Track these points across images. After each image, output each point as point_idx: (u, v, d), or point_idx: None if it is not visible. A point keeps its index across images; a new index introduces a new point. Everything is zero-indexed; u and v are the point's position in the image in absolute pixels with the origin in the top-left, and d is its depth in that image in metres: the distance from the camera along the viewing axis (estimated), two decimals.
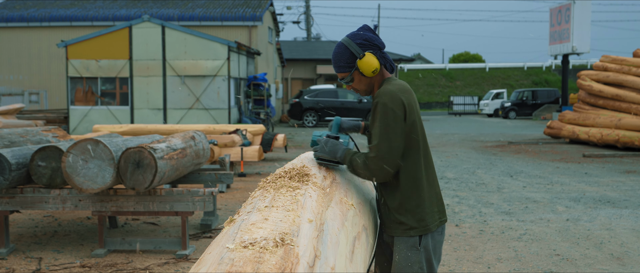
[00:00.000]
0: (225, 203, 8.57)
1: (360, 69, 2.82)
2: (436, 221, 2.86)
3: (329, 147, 2.88)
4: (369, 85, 2.90)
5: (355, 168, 2.81)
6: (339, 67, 2.89)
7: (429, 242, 2.84)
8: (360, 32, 2.88)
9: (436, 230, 2.87)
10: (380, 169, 2.74)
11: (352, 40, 2.85)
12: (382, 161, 2.72)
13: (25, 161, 5.76)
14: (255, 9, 26.67)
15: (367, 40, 2.84)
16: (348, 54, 2.84)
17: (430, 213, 2.84)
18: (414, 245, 2.81)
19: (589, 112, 18.41)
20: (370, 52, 2.82)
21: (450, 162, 13.66)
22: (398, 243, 2.84)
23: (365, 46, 2.84)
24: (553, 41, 27.62)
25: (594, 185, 10.37)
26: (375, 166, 2.73)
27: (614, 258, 5.87)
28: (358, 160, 2.78)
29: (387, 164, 2.73)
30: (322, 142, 2.91)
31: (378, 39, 2.88)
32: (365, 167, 2.76)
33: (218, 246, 1.91)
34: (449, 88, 50.80)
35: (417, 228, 2.81)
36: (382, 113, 2.73)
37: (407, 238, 2.82)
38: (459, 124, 29.64)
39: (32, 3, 28.59)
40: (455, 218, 7.65)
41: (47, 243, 6.42)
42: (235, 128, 12.93)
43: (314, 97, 27.53)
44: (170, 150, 5.94)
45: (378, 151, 2.72)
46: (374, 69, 2.82)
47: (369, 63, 2.80)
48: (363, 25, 2.91)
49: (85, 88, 19.18)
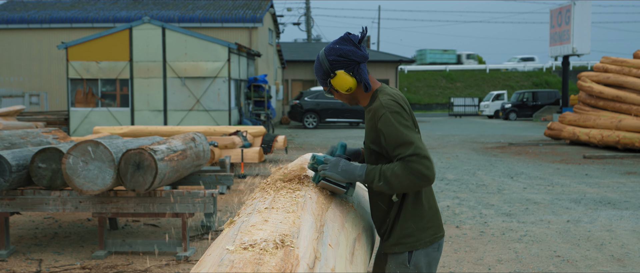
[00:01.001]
0: (225, 205, 8.58)
1: (334, 86, 2.68)
2: (428, 237, 2.68)
3: (342, 167, 2.60)
4: (351, 99, 2.76)
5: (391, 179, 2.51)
6: (319, 80, 2.77)
7: (421, 259, 2.66)
8: (335, 45, 2.67)
9: (431, 246, 2.69)
10: (428, 171, 2.48)
11: (326, 56, 2.68)
12: (428, 162, 2.49)
13: (26, 163, 5.76)
14: (255, 11, 26.68)
15: (342, 55, 2.65)
16: (322, 70, 2.70)
17: (420, 228, 2.67)
18: (402, 262, 2.66)
19: (589, 113, 18.41)
20: (343, 71, 2.64)
21: (450, 163, 13.66)
22: (389, 260, 2.71)
23: (339, 62, 2.65)
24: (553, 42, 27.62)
25: (595, 186, 10.37)
26: (423, 169, 2.47)
27: (614, 259, 5.87)
28: (394, 169, 2.51)
29: (432, 165, 2.51)
30: (332, 161, 2.62)
31: (356, 53, 2.65)
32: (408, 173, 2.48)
33: (218, 247, 1.91)
34: (450, 89, 50.81)
35: (404, 244, 2.65)
36: (395, 119, 2.55)
37: (398, 255, 2.67)
38: (459, 126, 29.64)
39: (32, 5, 28.61)
40: (455, 220, 7.65)
41: (48, 244, 6.42)
42: (235, 129, 12.93)
43: (315, 99, 27.52)
44: (171, 152, 5.94)
45: (420, 152, 2.48)
46: (348, 88, 2.66)
47: (341, 83, 2.65)
48: (343, 36, 2.70)
49: (86, 90, 19.18)
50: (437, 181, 10.73)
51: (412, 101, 48.49)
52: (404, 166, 2.48)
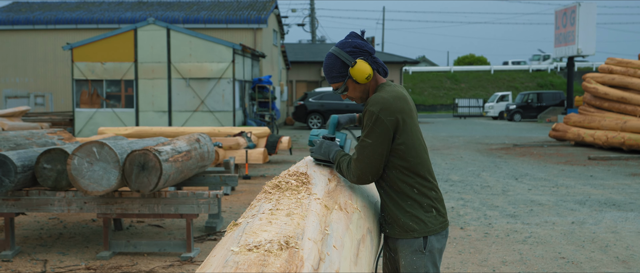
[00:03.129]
0: (230, 206, 8.58)
1: (354, 76, 2.78)
2: (440, 224, 2.83)
3: (324, 148, 2.93)
4: (364, 92, 2.87)
5: (341, 170, 2.84)
6: (332, 78, 2.85)
7: (434, 244, 2.80)
8: (348, 40, 2.83)
9: (440, 233, 2.83)
10: (360, 175, 2.75)
11: (341, 49, 2.81)
12: (363, 167, 2.74)
13: (31, 164, 5.78)
14: (260, 12, 26.71)
15: (356, 47, 2.80)
16: (339, 63, 2.81)
17: (431, 215, 2.81)
18: (418, 249, 2.78)
19: (594, 114, 18.37)
20: (362, 59, 2.78)
21: (455, 165, 13.65)
22: (402, 248, 2.81)
23: (356, 53, 2.79)
24: (558, 44, 27.57)
25: (600, 187, 10.35)
26: (356, 171, 2.75)
27: (619, 261, 5.85)
28: (344, 163, 2.82)
29: (367, 171, 2.74)
30: (317, 143, 2.96)
31: (367, 45, 2.83)
32: (348, 170, 2.79)
33: (223, 249, 1.91)
34: (454, 91, 50.77)
35: (420, 230, 2.78)
36: (370, 120, 2.70)
37: (411, 240, 2.78)
38: (463, 127, 29.60)
39: (38, 6, 28.71)
40: (460, 221, 7.64)
41: (52, 245, 6.44)
42: (240, 130, 12.95)
43: (319, 100, 27.52)
44: (175, 153, 5.95)
45: (360, 156, 2.73)
46: (368, 75, 2.78)
47: (362, 70, 2.77)
48: (350, 33, 2.86)
49: (91, 91, 19.23)
50: (441, 183, 10.73)
51: (417, 102, 48.47)
52: (348, 163, 2.81)
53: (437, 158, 14.85)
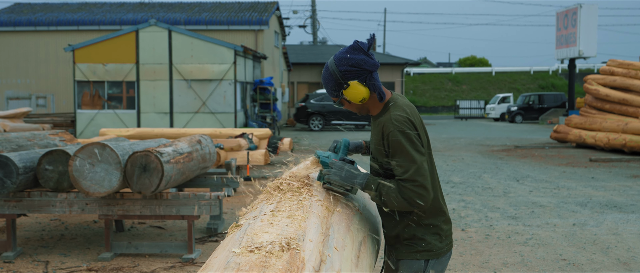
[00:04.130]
0: (231, 207, 8.59)
1: (347, 97, 2.62)
2: (445, 247, 2.71)
3: (346, 173, 2.60)
4: (361, 108, 2.71)
5: (387, 199, 2.53)
6: (328, 90, 2.70)
7: (436, 267, 2.69)
8: (347, 55, 2.59)
9: (444, 256, 2.72)
10: (421, 200, 2.51)
11: (337, 65, 2.60)
12: (423, 191, 2.50)
13: (33, 165, 5.79)
14: (261, 13, 26.73)
15: (354, 65, 2.58)
16: (333, 81, 2.63)
17: (438, 237, 2.69)
18: (418, 270, 2.67)
19: (595, 116, 18.36)
20: (356, 81, 2.58)
21: (456, 166, 13.65)
22: (402, 267, 2.70)
23: (351, 73, 2.58)
24: (560, 45, 27.55)
25: (601, 189, 10.34)
26: (416, 197, 2.50)
27: (620, 263, 5.85)
28: (390, 190, 2.52)
29: (428, 194, 2.52)
30: (336, 166, 2.61)
31: (368, 62, 2.59)
32: (401, 197, 2.51)
33: (224, 250, 1.91)
34: (456, 92, 50.75)
35: (424, 251, 2.66)
36: (407, 140, 2.53)
37: (412, 261, 2.67)
38: (465, 128, 29.60)
39: (39, 7, 28.75)
40: (461, 223, 7.64)
41: (54, 246, 6.45)
42: (241, 131, 12.95)
43: (320, 101, 27.53)
44: (177, 154, 5.96)
45: (417, 179, 2.49)
46: (362, 99, 2.60)
47: (355, 94, 2.59)
48: (353, 44, 2.61)
49: (92, 92, 19.25)
50: (443, 184, 10.73)
51: (418, 104, 48.47)
52: (399, 189, 2.51)
53: (438, 160, 14.84)
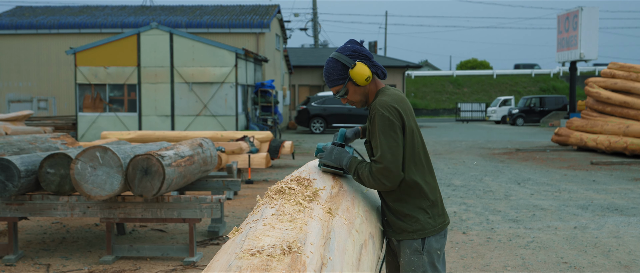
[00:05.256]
0: (232, 210, 8.59)
1: (353, 78, 2.88)
2: (439, 225, 2.93)
3: (335, 154, 2.96)
4: (364, 95, 2.96)
5: (361, 177, 2.86)
6: (332, 81, 2.94)
7: (433, 245, 2.91)
8: (347, 45, 2.95)
9: (440, 233, 2.94)
10: (385, 179, 2.80)
11: (341, 53, 2.92)
12: (387, 172, 2.79)
13: (34, 168, 5.80)
14: (262, 17, 26.76)
15: (355, 51, 2.91)
16: (339, 66, 2.91)
17: (432, 216, 2.92)
18: (417, 249, 2.89)
19: (596, 119, 18.35)
20: (361, 62, 2.88)
21: (457, 169, 13.64)
22: (403, 248, 2.92)
23: (355, 56, 2.90)
24: (561, 48, 27.55)
25: (602, 192, 10.34)
26: (381, 177, 2.80)
27: (621, 266, 5.85)
28: (364, 169, 2.85)
29: (392, 175, 2.80)
30: (328, 149, 2.98)
31: (365, 50, 2.94)
32: (370, 176, 2.82)
33: (226, 253, 1.92)
34: (457, 95, 50.73)
35: (420, 230, 2.89)
36: (382, 124, 2.80)
37: (411, 241, 2.89)
38: (466, 131, 29.59)
39: (41, 10, 28.79)
40: (462, 226, 7.64)
41: (56, 249, 6.46)
42: (242, 134, 12.97)
43: (321, 104, 27.53)
44: (178, 157, 5.97)
45: (383, 162, 2.79)
46: (367, 77, 2.88)
47: (361, 72, 2.87)
48: (349, 40, 2.97)
49: (94, 95, 19.27)
50: (443, 187, 10.73)
51: (419, 107, 48.47)
52: (370, 169, 2.83)
53: (439, 163, 14.84)
